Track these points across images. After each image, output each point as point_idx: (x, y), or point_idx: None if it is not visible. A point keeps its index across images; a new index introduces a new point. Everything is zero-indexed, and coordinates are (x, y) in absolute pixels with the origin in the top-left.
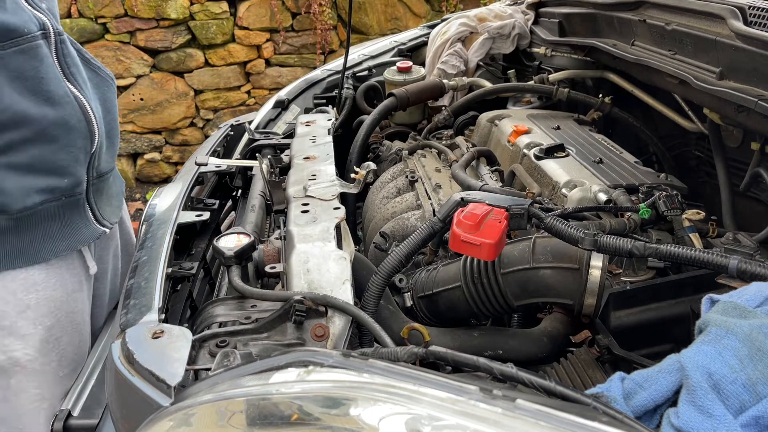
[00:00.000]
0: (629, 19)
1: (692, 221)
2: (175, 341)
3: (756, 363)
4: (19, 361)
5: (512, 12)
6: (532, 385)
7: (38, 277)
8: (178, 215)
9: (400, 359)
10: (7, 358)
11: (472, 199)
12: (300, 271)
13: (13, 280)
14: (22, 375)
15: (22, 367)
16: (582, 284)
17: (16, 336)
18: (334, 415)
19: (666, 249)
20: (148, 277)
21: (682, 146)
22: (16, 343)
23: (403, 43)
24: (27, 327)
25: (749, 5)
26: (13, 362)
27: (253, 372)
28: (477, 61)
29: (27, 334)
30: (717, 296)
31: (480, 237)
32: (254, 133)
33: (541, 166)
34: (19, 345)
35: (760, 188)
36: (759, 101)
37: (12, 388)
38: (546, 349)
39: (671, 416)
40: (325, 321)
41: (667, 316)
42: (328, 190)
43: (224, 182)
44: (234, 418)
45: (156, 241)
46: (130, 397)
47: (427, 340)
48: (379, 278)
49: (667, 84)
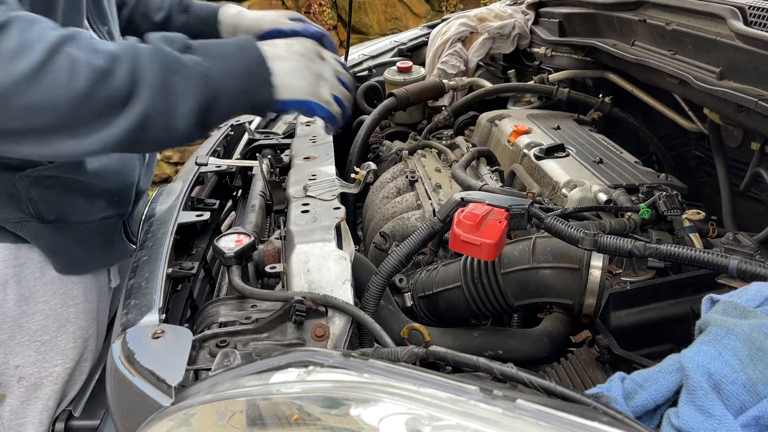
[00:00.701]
0: (629, 19)
1: (692, 221)
2: (175, 341)
3: (756, 363)
4: (57, 377)
5: (512, 12)
6: (533, 385)
7: (77, 290)
8: (179, 215)
9: (401, 359)
10: (48, 373)
11: (472, 199)
12: (300, 271)
13: (54, 294)
14: (50, 387)
15: (55, 381)
16: (582, 284)
17: (56, 351)
18: (335, 416)
19: (666, 249)
20: (149, 277)
21: (682, 146)
22: (57, 359)
23: (403, 43)
24: (67, 341)
25: (749, 5)
26: (50, 377)
27: (254, 372)
28: (477, 61)
29: (67, 349)
30: (717, 296)
31: (480, 237)
32: (254, 133)
33: (541, 166)
34: (60, 360)
35: (760, 188)
36: (759, 101)
37: (32, 398)
38: (546, 349)
39: (671, 416)
40: (325, 321)
41: (667, 316)
42: (329, 190)
43: (224, 182)
44: (234, 418)
45: (156, 241)
46: (131, 398)
47: (427, 340)
48: (379, 278)
49: (667, 84)
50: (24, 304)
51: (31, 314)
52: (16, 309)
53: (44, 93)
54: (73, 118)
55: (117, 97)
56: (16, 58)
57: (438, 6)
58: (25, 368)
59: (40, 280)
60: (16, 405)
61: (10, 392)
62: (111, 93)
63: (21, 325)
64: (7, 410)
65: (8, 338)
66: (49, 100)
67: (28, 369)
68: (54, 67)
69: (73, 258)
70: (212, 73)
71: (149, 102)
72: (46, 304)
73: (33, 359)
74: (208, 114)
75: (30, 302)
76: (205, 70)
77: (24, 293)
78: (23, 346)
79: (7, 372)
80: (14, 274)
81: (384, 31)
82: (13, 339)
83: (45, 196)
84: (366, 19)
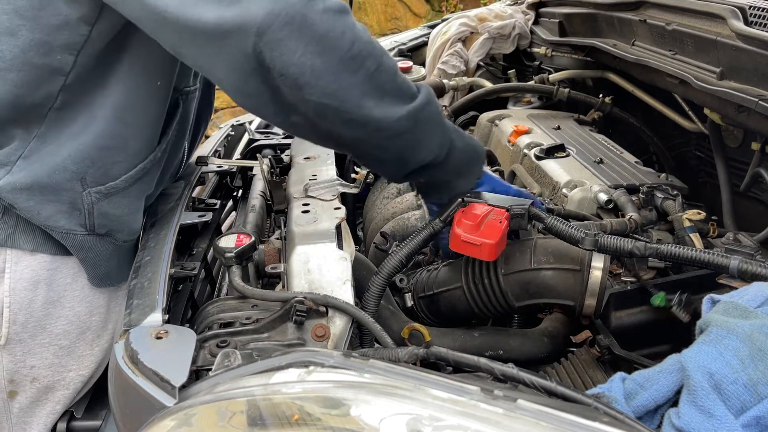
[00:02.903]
0: (630, 19)
1: (693, 221)
2: (179, 341)
3: (757, 363)
4: (70, 382)
5: (512, 12)
6: (533, 385)
7: (102, 300)
8: (181, 216)
9: (401, 360)
10: (61, 378)
11: (472, 199)
12: (300, 271)
13: (81, 301)
14: (61, 392)
15: (66, 386)
16: (583, 285)
17: (73, 357)
18: (335, 416)
19: (667, 249)
20: (152, 278)
21: (683, 146)
22: (72, 364)
23: (404, 43)
24: (84, 349)
25: (750, 5)
26: (63, 382)
27: (254, 372)
28: (477, 61)
29: (83, 356)
30: (718, 296)
31: (480, 237)
32: (254, 133)
33: (542, 166)
34: (75, 366)
35: (761, 188)
36: (759, 101)
37: (42, 400)
38: (546, 349)
39: (672, 416)
40: (325, 321)
41: (667, 317)
42: (329, 190)
43: (225, 182)
44: (234, 418)
45: (159, 241)
46: (134, 398)
47: (427, 341)
48: (380, 278)
49: (667, 84)
50: (51, 307)
51: (56, 318)
52: (43, 311)
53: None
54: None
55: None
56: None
57: (438, 6)
58: (40, 369)
59: (70, 287)
60: (26, 404)
61: (21, 390)
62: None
63: (44, 326)
64: (17, 407)
65: (30, 337)
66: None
67: (42, 371)
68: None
69: (109, 273)
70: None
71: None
72: (72, 310)
73: (49, 362)
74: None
75: (57, 306)
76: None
77: (53, 297)
78: (42, 347)
79: (23, 370)
80: (47, 276)
81: (384, 31)
82: (34, 339)
83: (107, 212)
84: (366, 19)
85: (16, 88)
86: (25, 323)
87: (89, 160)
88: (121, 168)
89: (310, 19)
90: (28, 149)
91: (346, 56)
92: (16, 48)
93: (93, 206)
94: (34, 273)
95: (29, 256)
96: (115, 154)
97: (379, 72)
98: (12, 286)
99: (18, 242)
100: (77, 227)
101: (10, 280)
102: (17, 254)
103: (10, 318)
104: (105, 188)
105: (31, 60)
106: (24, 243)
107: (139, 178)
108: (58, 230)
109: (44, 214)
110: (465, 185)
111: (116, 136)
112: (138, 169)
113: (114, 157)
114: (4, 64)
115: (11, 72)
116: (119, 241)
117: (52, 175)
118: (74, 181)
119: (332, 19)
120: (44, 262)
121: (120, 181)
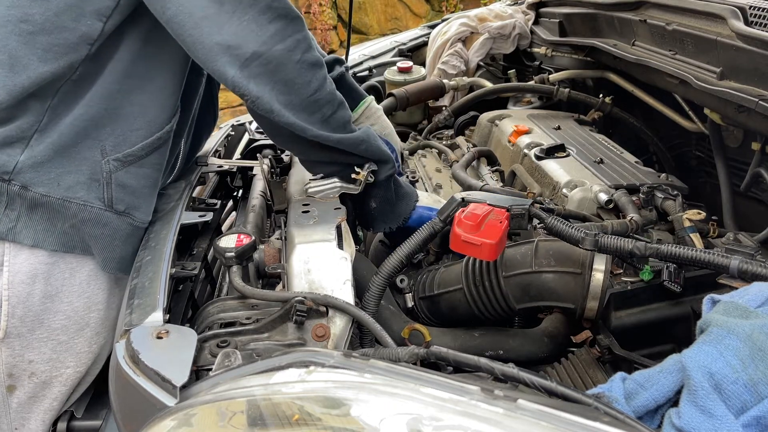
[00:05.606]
0: (630, 19)
1: (693, 221)
2: (179, 341)
3: (757, 363)
4: (68, 379)
5: (512, 12)
6: (534, 385)
7: (101, 297)
8: (181, 215)
9: (401, 359)
10: (59, 373)
11: (472, 199)
12: (301, 271)
13: (79, 297)
14: (58, 388)
15: (63, 383)
16: (584, 288)
17: (71, 353)
18: (335, 416)
19: (667, 249)
20: (152, 277)
21: (683, 146)
22: (70, 360)
23: (404, 43)
24: (82, 345)
25: (750, 5)
26: (61, 378)
27: (254, 372)
28: (477, 61)
29: (81, 352)
30: (718, 296)
31: (481, 237)
32: (255, 132)
33: (542, 166)
34: (72, 362)
35: (761, 188)
36: (759, 101)
37: (39, 396)
38: (547, 349)
39: (673, 416)
40: (325, 321)
41: (668, 317)
42: (329, 190)
43: (225, 182)
44: (235, 418)
45: (159, 241)
46: (135, 397)
47: (428, 341)
48: (380, 279)
49: (667, 84)
50: (48, 302)
51: (54, 312)
52: (41, 305)
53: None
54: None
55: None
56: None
57: (438, 6)
58: (38, 364)
59: (68, 281)
60: (24, 399)
61: (20, 385)
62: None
63: (42, 321)
64: (15, 402)
65: (28, 331)
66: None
67: (40, 366)
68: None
69: (123, 257)
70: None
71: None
72: (70, 305)
73: (47, 357)
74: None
75: (55, 301)
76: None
77: (50, 291)
78: (40, 342)
79: (21, 365)
80: (44, 270)
81: (384, 31)
82: (33, 333)
83: (124, 182)
84: (366, 19)
85: (44, 52)
86: (23, 317)
87: (109, 128)
88: (138, 135)
89: (284, 65)
90: (43, 123)
91: (307, 100)
92: (49, 11)
93: (111, 176)
94: (32, 267)
95: (27, 250)
96: (132, 121)
97: (333, 117)
98: (10, 279)
99: (19, 236)
100: (95, 201)
101: (8, 273)
102: (16, 248)
103: (8, 311)
104: (123, 155)
105: (63, 23)
106: (25, 237)
107: (156, 148)
108: (77, 201)
109: (63, 185)
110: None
111: (134, 103)
112: (155, 138)
113: (132, 124)
114: (34, 27)
115: (41, 35)
116: (137, 221)
117: (71, 145)
118: (94, 149)
119: (304, 68)
120: (42, 256)
121: (137, 148)
